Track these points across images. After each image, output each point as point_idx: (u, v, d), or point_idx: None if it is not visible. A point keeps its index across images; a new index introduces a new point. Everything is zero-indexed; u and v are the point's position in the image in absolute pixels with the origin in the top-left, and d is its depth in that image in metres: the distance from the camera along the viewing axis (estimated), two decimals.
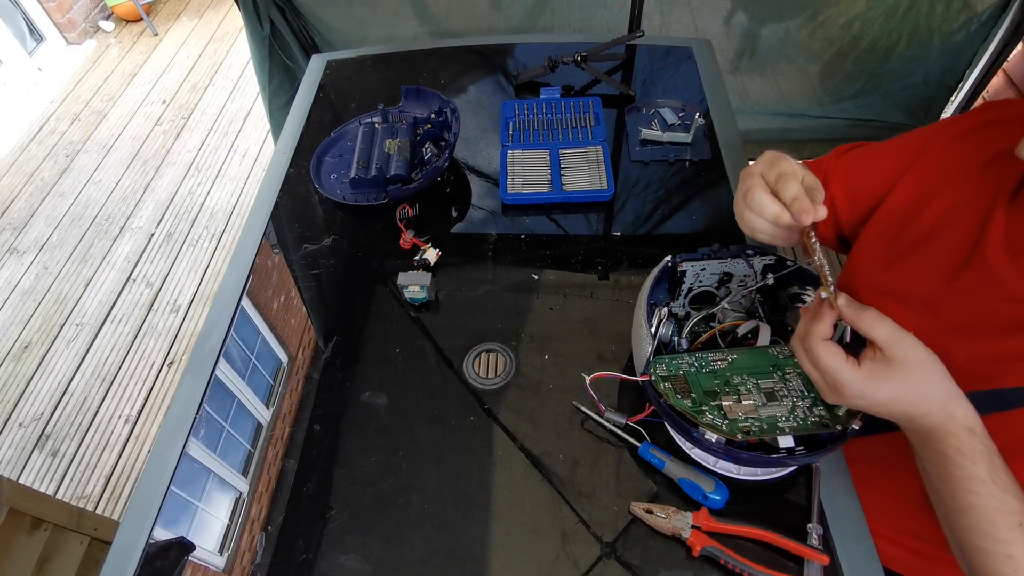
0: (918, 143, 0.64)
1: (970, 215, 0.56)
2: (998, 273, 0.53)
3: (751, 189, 0.53)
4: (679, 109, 1.03)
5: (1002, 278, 0.53)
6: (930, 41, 1.56)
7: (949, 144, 0.61)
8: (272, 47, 1.65)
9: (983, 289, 0.54)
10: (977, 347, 0.45)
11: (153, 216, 2.28)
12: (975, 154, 0.58)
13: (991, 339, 0.53)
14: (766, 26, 1.64)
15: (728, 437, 0.55)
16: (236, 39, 3.09)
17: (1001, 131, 0.58)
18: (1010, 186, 0.54)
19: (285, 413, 0.73)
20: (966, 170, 0.58)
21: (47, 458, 1.66)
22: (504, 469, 0.66)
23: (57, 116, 2.77)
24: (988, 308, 0.54)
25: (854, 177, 0.70)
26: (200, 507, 0.67)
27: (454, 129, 0.95)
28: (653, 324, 0.62)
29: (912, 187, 0.62)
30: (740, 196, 0.56)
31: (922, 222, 0.60)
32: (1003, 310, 0.53)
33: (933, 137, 0.63)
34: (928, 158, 0.62)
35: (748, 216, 0.55)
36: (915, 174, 0.63)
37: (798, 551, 0.57)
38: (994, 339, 0.53)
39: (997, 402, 0.51)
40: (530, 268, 0.84)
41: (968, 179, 0.58)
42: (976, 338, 0.45)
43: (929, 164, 0.62)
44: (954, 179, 0.59)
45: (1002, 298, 0.53)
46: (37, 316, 1.99)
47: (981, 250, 0.54)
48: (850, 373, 0.46)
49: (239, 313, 0.82)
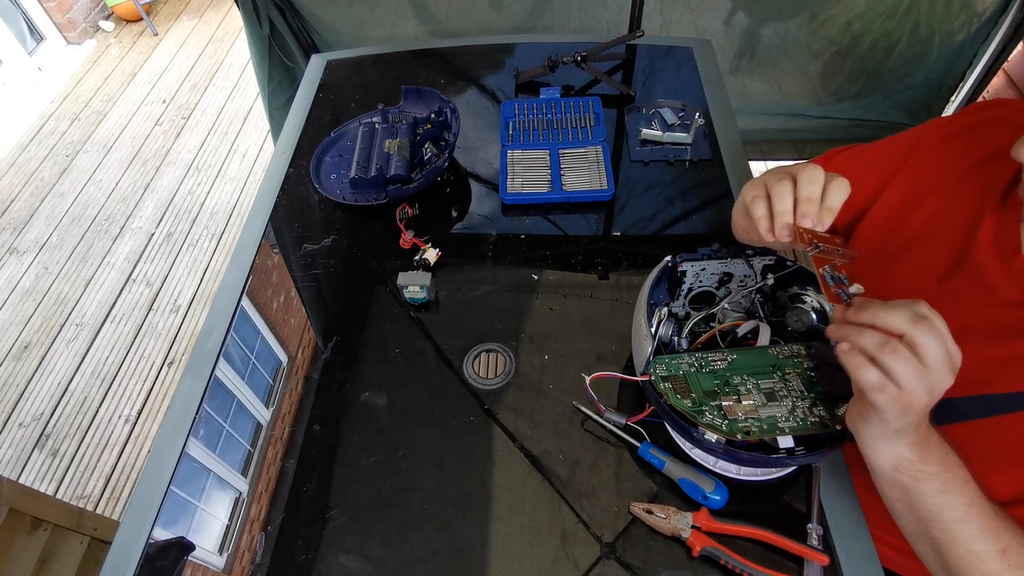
0: (908, 145, 0.64)
1: (959, 218, 0.56)
2: (988, 277, 0.53)
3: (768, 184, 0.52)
4: (679, 109, 1.03)
5: (992, 282, 0.53)
6: (930, 41, 1.56)
7: (939, 146, 0.61)
8: (272, 47, 1.65)
9: (973, 293, 0.54)
10: (967, 352, 0.45)
11: (153, 216, 2.28)
12: (964, 156, 0.58)
13: (981, 344, 0.52)
14: (766, 26, 1.64)
15: (728, 437, 0.55)
16: (236, 39, 3.09)
17: (990, 132, 0.58)
18: (999, 189, 0.54)
19: (285, 413, 0.73)
20: (955, 172, 0.58)
21: (47, 458, 1.66)
22: (504, 469, 0.66)
23: (57, 116, 2.77)
24: (978, 312, 0.53)
25: (847, 177, 0.70)
26: (200, 507, 0.67)
27: (454, 129, 0.95)
28: (653, 324, 0.62)
29: (902, 190, 0.62)
30: (743, 202, 0.55)
31: (912, 225, 0.60)
32: (993, 315, 0.52)
33: (923, 138, 0.63)
34: (918, 160, 0.62)
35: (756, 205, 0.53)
36: (905, 176, 0.62)
37: (798, 551, 0.57)
38: (984, 344, 0.52)
39: (986, 407, 0.51)
40: (530, 268, 0.84)
41: (957, 181, 0.58)
42: (966, 343, 0.45)
43: (919, 166, 0.62)
44: (943, 181, 0.59)
45: (992, 303, 0.53)
46: (37, 316, 1.99)
47: (971, 254, 0.54)
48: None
49: (239, 313, 0.82)
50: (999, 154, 0.53)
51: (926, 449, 0.46)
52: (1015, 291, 0.51)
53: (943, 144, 0.61)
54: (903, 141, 0.65)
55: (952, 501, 0.46)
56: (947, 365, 0.42)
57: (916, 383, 0.41)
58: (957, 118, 0.62)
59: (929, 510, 0.47)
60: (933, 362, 0.41)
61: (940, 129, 0.63)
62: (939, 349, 0.41)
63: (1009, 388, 0.50)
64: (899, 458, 0.47)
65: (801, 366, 0.59)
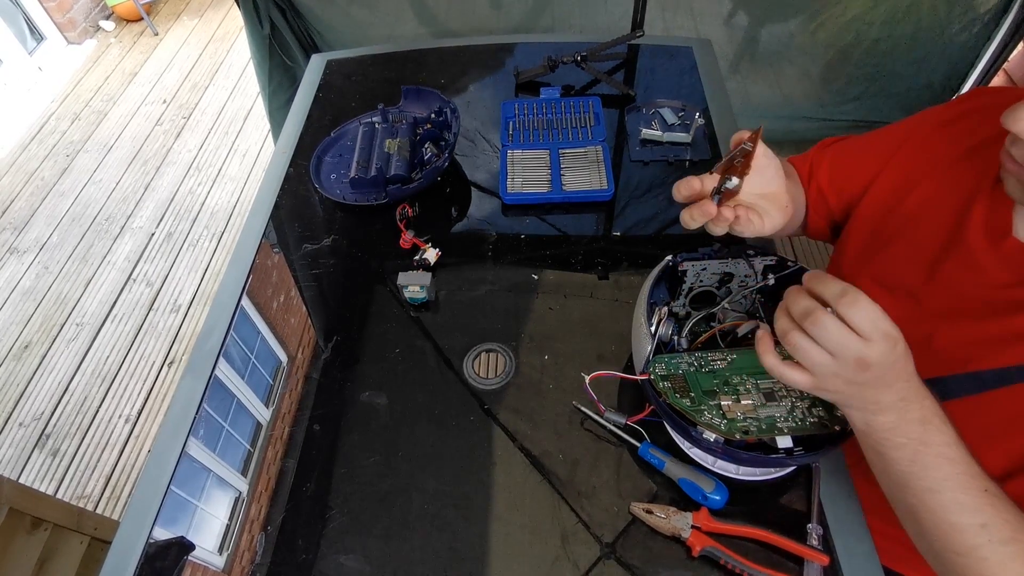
0: (902, 132, 0.65)
1: (952, 202, 0.57)
2: (979, 259, 0.54)
3: None
4: (679, 109, 1.03)
5: (983, 264, 0.53)
6: (932, 42, 1.56)
7: (932, 133, 0.62)
8: (272, 47, 1.66)
9: (964, 275, 0.55)
10: (957, 332, 0.45)
11: (153, 216, 2.28)
12: (957, 142, 0.59)
13: (971, 324, 0.53)
14: (767, 27, 1.64)
15: (726, 437, 0.55)
16: (236, 39, 3.09)
17: (982, 119, 0.58)
18: (992, 174, 0.54)
19: (285, 413, 0.73)
20: (948, 158, 0.59)
21: (47, 458, 1.66)
22: (504, 469, 0.66)
23: (57, 116, 2.77)
24: (969, 294, 0.54)
25: (840, 167, 0.71)
26: (200, 507, 0.67)
27: (454, 129, 0.95)
28: (653, 323, 0.62)
29: (895, 176, 0.63)
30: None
31: (905, 209, 0.61)
32: (983, 295, 0.53)
33: (916, 126, 0.64)
34: (911, 147, 0.63)
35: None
36: (898, 163, 0.63)
37: (798, 551, 0.57)
38: (974, 323, 0.53)
39: (975, 384, 0.52)
40: (530, 268, 0.84)
41: (950, 166, 0.59)
42: (957, 323, 0.45)
43: (912, 153, 0.63)
44: (936, 167, 0.60)
45: (983, 283, 0.53)
46: (37, 316, 1.99)
47: (963, 236, 0.55)
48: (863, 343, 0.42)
49: (239, 313, 0.82)
50: (991, 140, 0.54)
51: (899, 422, 0.45)
52: (1005, 272, 0.52)
53: (936, 131, 0.62)
54: (897, 129, 0.66)
55: (922, 472, 0.45)
56: (832, 369, 0.44)
57: (826, 363, 0.44)
58: (950, 106, 0.63)
59: (899, 475, 0.47)
60: (819, 364, 0.44)
61: (933, 116, 0.63)
62: (816, 357, 0.44)
63: (997, 364, 0.51)
64: (866, 424, 0.47)
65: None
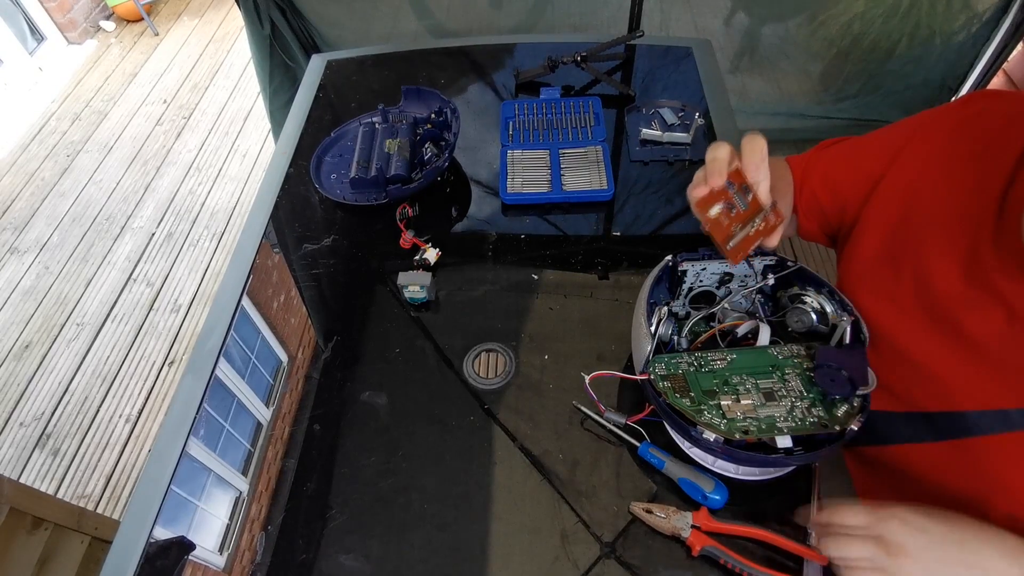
0: (902, 135, 0.62)
1: (961, 214, 0.55)
2: (1003, 293, 0.51)
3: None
4: (679, 109, 1.03)
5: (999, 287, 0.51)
6: (931, 41, 1.56)
7: (935, 138, 0.59)
8: (272, 47, 1.66)
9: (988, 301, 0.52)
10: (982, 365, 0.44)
11: (154, 216, 2.28)
12: (964, 146, 0.57)
13: (996, 358, 0.51)
14: (766, 26, 1.64)
15: (726, 436, 0.55)
16: (237, 39, 3.09)
17: (987, 124, 0.56)
18: (999, 186, 0.52)
19: (285, 413, 0.73)
20: (957, 166, 0.56)
21: (48, 457, 1.66)
22: (504, 469, 0.66)
23: (58, 116, 2.77)
24: (993, 328, 0.51)
25: (835, 170, 0.68)
26: (200, 506, 0.67)
27: (454, 129, 0.95)
28: (653, 323, 0.62)
29: (901, 183, 0.60)
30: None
31: (915, 216, 0.58)
32: (1007, 331, 0.50)
33: (918, 129, 0.61)
34: (912, 152, 0.60)
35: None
36: (902, 167, 0.61)
37: (798, 551, 0.57)
38: (999, 358, 0.51)
39: (1004, 423, 0.50)
40: (530, 268, 0.84)
41: (958, 176, 0.56)
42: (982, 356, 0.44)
43: (914, 159, 0.60)
44: (943, 175, 0.57)
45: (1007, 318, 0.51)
46: (38, 316, 1.99)
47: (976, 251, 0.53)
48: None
49: (239, 313, 0.82)
50: (997, 148, 0.52)
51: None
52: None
53: (941, 136, 0.59)
54: (897, 131, 0.64)
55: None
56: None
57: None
58: (952, 110, 0.61)
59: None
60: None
61: (937, 121, 0.61)
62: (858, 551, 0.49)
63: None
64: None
65: (800, 367, 0.59)
